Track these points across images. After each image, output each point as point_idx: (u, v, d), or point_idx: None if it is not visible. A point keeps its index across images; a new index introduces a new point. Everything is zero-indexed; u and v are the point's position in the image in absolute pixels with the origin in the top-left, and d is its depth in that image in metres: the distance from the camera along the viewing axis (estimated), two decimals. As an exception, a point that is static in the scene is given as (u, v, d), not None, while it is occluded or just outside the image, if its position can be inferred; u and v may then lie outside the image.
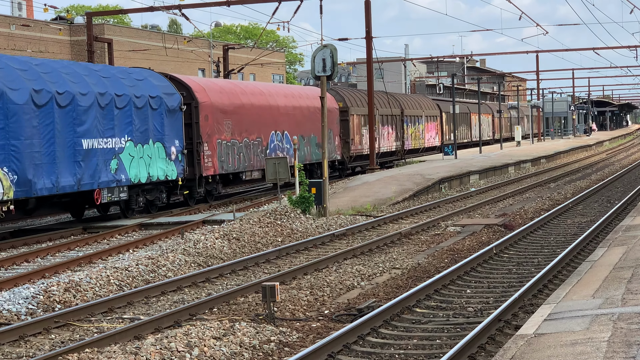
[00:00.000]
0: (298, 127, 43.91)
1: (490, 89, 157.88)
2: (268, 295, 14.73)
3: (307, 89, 49.55)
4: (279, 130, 42.06)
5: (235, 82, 43.52)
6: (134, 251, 23.99)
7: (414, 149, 63.95)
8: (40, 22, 68.73)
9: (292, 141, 42.78)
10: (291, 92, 45.64)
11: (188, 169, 34.24)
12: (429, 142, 68.33)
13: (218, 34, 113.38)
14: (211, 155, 35.53)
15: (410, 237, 25.05)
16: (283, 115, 42.52)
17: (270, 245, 23.88)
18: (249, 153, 38.89)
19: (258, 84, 44.76)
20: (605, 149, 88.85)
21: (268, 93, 42.36)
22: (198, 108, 34.90)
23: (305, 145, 44.67)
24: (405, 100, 63.55)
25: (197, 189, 34.95)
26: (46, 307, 16.21)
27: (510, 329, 13.54)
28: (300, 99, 45.32)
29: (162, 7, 46.31)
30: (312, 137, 45.63)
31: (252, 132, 39.26)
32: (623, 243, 18.75)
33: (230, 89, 38.67)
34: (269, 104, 41.47)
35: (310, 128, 45.35)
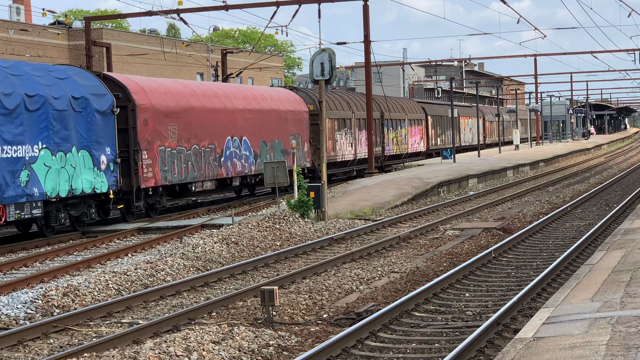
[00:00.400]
0: (260, 132, 40.62)
1: (488, 93, 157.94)
2: (267, 299, 14.73)
3: (273, 91, 46.18)
4: (237, 135, 38.58)
5: (185, 82, 39.69)
6: (132, 255, 23.98)
7: (395, 155, 60.54)
8: (38, 26, 68.75)
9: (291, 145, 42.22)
10: (253, 94, 41.93)
11: (123, 180, 30.62)
12: (413, 148, 64.76)
13: (216, 38, 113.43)
14: (152, 165, 31.94)
15: (409, 241, 25.05)
16: (242, 120, 39.20)
17: (269, 250, 23.88)
18: (199, 161, 35.33)
19: (213, 85, 41.25)
20: (603, 152, 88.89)
21: (224, 95, 38.90)
22: (135, 111, 31.36)
23: (268, 152, 41.22)
24: (385, 102, 59.86)
25: (134, 203, 31.33)
26: (45, 312, 16.20)
27: (509, 332, 13.54)
28: (263, 102, 41.93)
29: (160, 12, 46.33)
30: (277, 143, 42.26)
31: (203, 138, 35.77)
32: (622, 246, 18.75)
33: (177, 90, 35.19)
34: (225, 107, 38.02)
35: (274, 133, 42.11)
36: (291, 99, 45.14)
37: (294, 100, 45.21)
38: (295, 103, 45.09)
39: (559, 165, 64.32)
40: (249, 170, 39.42)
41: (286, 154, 41.77)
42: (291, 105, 44.49)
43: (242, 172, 38.83)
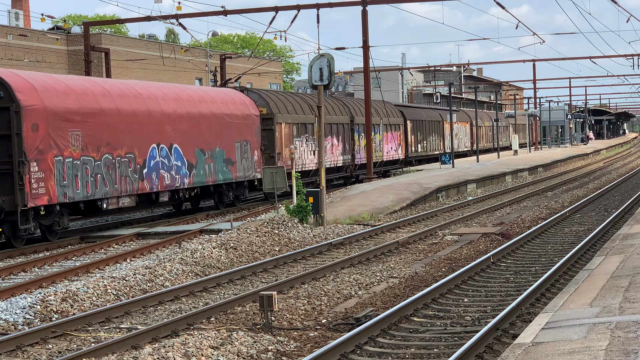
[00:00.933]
0: (196, 139, 35.16)
1: (487, 98, 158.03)
2: (265, 304, 14.72)
3: (216, 92, 39.92)
4: (165, 143, 32.95)
5: (98, 80, 33.18)
6: (131, 261, 23.98)
7: (363, 164, 53.90)
8: (37, 31, 68.79)
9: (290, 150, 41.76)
10: (188, 95, 36.03)
11: (5, 198, 25.72)
12: (389, 155, 58.65)
13: (215, 43, 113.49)
14: (45, 178, 26.74)
15: (408, 246, 25.05)
16: (173, 125, 33.53)
17: (267, 255, 23.87)
18: (112, 174, 29.78)
19: (136, 84, 34.24)
20: (602, 157, 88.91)
21: (149, 95, 33.03)
22: (20, 114, 26.15)
23: (207, 162, 35.80)
24: (357, 105, 54.72)
25: (20, 225, 26.03)
26: (43, 317, 16.19)
27: (507, 337, 13.54)
28: (202, 104, 36.35)
29: (159, 17, 46.36)
30: (218, 152, 36.73)
31: (118, 147, 30.22)
32: (620, 252, 18.75)
33: (83, 89, 29.64)
34: (149, 110, 32.30)
35: (215, 140, 36.55)
36: (238, 101, 39.89)
37: (241, 103, 40.04)
38: (243, 106, 39.91)
39: (557, 171, 64.33)
40: (181, 183, 33.90)
41: (230, 164, 37.40)
42: (238, 108, 39.25)
43: (172, 185, 33.27)
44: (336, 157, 49.43)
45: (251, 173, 39.45)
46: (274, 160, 41.31)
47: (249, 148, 39.42)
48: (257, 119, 40.54)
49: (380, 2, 48.08)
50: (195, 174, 34.83)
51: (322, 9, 45.65)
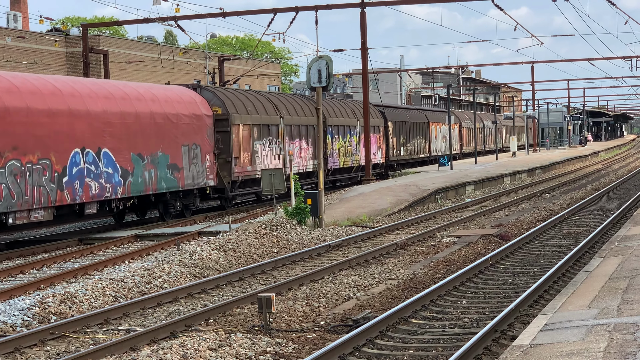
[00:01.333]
0: (133, 143, 31.17)
1: (485, 100, 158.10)
2: (264, 306, 14.73)
3: (160, 89, 35.34)
4: (91, 147, 29.08)
5: (4, 74, 27.97)
6: (129, 262, 23.97)
7: (343, 168, 50.98)
8: (35, 33, 68.79)
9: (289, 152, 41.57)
10: (123, 93, 31.78)
11: None
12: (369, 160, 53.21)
13: (213, 45, 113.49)
14: None
15: (406, 247, 25.05)
16: (102, 126, 29.60)
17: (266, 257, 23.87)
18: (20, 183, 25.92)
19: (55, 80, 29.96)
20: (600, 159, 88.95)
21: (70, 92, 29.07)
22: None
23: (146, 169, 31.78)
24: (330, 105, 50.34)
25: None
26: (42, 319, 16.19)
27: (506, 339, 13.54)
28: (140, 103, 32.17)
29: (157, 19, 46.36)
30: (161, 157, 32.69)
31: (29, 151, 26.40)
32: (619, 253, 18.77)
33: None
34: (70, 109, 28.42)
35: (157, 144, 32.53)
36: (187, 100, 35.81)
37: (190, 102, 36.01)
38: (193, 105, 35.92)
39: (556, 172, 64.36)
40: (113, 192, 29.95)
41: (176, 170, 33.54)
42: (186, 107, 35.18)
43: (102, 195, 29.29)
44: (305, 161, 45.00)
45: (202, 180, 35.56)
46: (230, 165, 37.45)
47: (199, 152, 35.47)
48: (210, 120, 36.79)
49: (379, 4, 48.10)
50: (131, 182, 30.95)
51: (320, 11, 45.66)
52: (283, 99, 45.54)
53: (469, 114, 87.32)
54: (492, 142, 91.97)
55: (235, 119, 38.20)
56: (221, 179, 37.14)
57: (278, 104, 43.59)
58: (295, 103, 45.83)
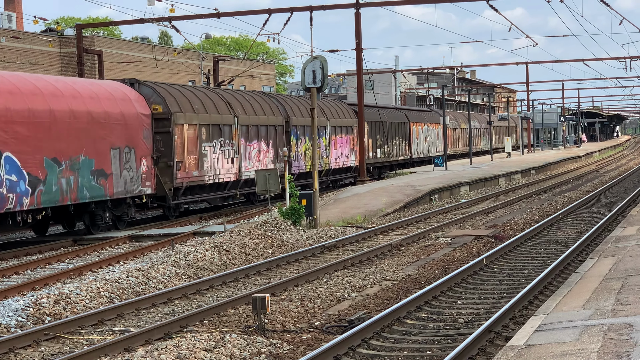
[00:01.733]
0: (47, 145, 27.32)
1: (480, 101, 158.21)
2: (259, 306, 14.72)
3: (82, 84, 31.11)
4: None
5: None
6: (124, 263, 23.95)
7: (310, 172, 42.97)
8: (30, 34, 68.73)
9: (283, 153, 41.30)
10: (34, 87, 27.71)
11: None
12: (339, 162, 50.13)
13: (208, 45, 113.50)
14: None
15: (401, 248, 25.05)
16: (3, 126, 25.72)
17: (260, 257, 23.86)
18: None
19: None
20: (595, 160, 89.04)
21: None
22: None
23: (63, 175, 27.89)
24: (294, 104, 46.20)
25: None
26: (36, 320, 16.17)
27: (500, 340, 13.55)
28: (56, 99, 28.24)
29: (152, 19, 46.34)
30: (83, 161, 28.84)
31: None
32: (613, 254, 18.78)
33: None
34: None
35: (78, 146, 28.68)
36: (118, 97, 31.55)
37: (123, 99, 31.75)
38: (126, 102, 31.66)
39: (550, 173, 64.42)
40: (17, 203, 25.99)
41: (102, 177, 29.64)
42: (117, 105, 30.97)
43: (2, 207, 25.46)
44: (265, 165, 40.84)
45: (137, 187, 31.47)
46: (172, 170, 33.41)
47: (134, 156, 31.40)
48: (148, 120, 32.64)
49: (373, 4, 48.11)
50: (43, 190, 26.95)
51: (315, 12, 45.67)
52: (239, 96, 41.33)
53: (455, 114, 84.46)
54: (481, 144, 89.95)
55: (178, 118, 34.31)
56: (162, 185, 33.21)
57: (232, 102, 39.64)
58: (253, 101, 41.83)
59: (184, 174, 34.28)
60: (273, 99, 44.37)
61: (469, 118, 73.58)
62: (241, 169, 38.84)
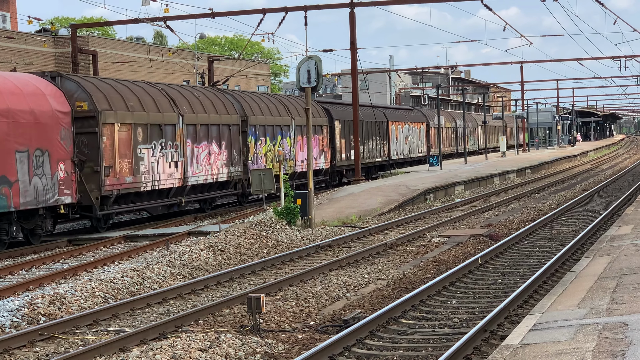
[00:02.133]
0: None
1: (475, 100, 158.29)
2: (254, 306, 14.71)
3: None
4: None
5: None
6: (119, 263, 23.93)
7: None
8: (24, 34, 68.65)
9: (278, 152, 41.34)
10: None
11: None
12: (305, 165, 43.37)
13: (203, 45, 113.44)
14: None
15: (396, 248, 25.05)
16: None
17: (255, 257, 23.86)
18: None
19: None
20: (589, 159, 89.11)
21: None
22: None
23: None
24: (253, 100, 42.00)
25: None
26: (31, 320, 16.15)
27: (495, 339, 13.55)
28: None
29: (146, 19, 46.30)
30: None
31: None
32: (608, 253, 18.80)
33: None
34: None
35: None
36: (29, 92, 27.53)
37: (35, 94, 27.76)
38: (39, 98, 27.73)
39: (545, 172, 64.46)
40: None
41: (6, 184, 25.72)
42: (25, 101, 27.08)
43: None
44: (216, 169, 36.84)
45: (52, 196, 27.54)
46: (99, 176, 29.52)
47: (47, 160, 27.42)
48: (67, 118, 28.72)
49: (368, 4, 48.10)
50: None
51: (309, 11, 45.66)
52: (187, 92, 36.79)
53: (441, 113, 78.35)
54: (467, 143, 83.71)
55: (107, 117, 30.14)
56: (87, 194, 29.23)
57: (178, 99, 35.24)
58: (204, 98, 37.29)
59: (115, 180, 30.36)
60: (228, 96, 40.14)
61: (464, 117, 73.53)
62: (187, 174, 34.31)
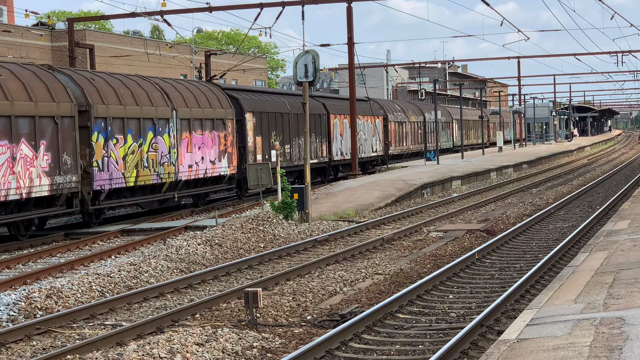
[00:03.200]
0: None
1: (472, 95, 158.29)
2: (250, 301, 14.71)
3: None
4: None
5: None
6: (116, 257, 23.91)
7: (138, 188, 32.38)
8: (21, 27, 68.54)
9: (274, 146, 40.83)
10: None
11: None
12: (196, 171, 35.64)
13: (200, 39, 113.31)
14: None
15: (393, 242, 25.05)
16: None
17: (252, 251, 23.85)
18: None
19: None
20: (586, 154, 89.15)
21: None
22: None
23: None
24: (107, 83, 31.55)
25: None
26: (28, 314, 16.14)
27: (492, 334, 13.56)
28: None
29: (143, 13, 46.24)
30: None
31: None
32: (604, 248, 18.80)
33: None
34: None
35: None
36: None
37: None
38: None
39: (542, 167, 64.48)
40: None
41: None
42: None
43: None
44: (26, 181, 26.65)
45: None
46: None
47: None
48: None
49: (365, -2, 48.08)
50: None
51: (307, 6, 45.62)
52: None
53: (404, 105, 70.35)
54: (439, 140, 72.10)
55: None
56: None
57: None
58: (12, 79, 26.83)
59: None
60: (60, 76, 29.46)
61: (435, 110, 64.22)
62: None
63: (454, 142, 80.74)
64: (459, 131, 78.62)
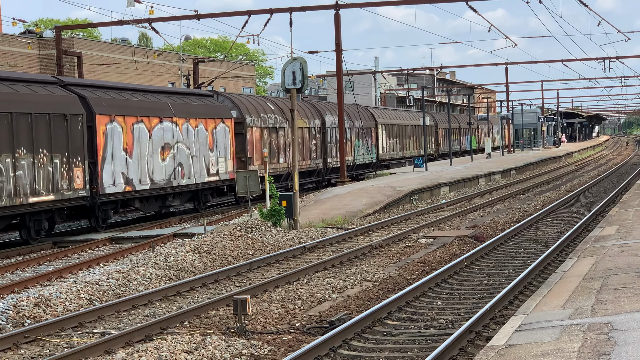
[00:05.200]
0: None
1: (460, 101, 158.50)
2: (239, 308, 14.71)
3: None
4: None
5: None
6: (104, 265, 23.88)
7: None
8: (8, 35, 68.39)
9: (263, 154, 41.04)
10: None
11: None
12: None
13: (188, 47, 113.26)
14: None
15: (382, 249, 25.07)
16: None
17: (241, 259, 23.84)
18: None
19: None
20: (574, 160, 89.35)
21: None
22: None
23: None
24: None
25: None
26: (16, 322, 16.10)
27: (481, 340, 13.58)
28: None
29: (131, 21, 46.21)
30: None
31: None
32: (592, 254, 18.84)
33: None
34: None
35: None
36: None
37: None
38: None
39: (530, 173, 64.60)
40: None
41: None
42: None
43: None
44: None
45: None
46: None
47: None
48: None
49: (353, 6, 48.11)
50: None
51: (295, 13, 45.64)
52: None
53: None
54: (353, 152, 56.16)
55: None
56: None
57: None
58: None
59: None
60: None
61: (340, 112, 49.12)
62: None
63: (378, 155, 62.55)
64: (389, 139, 65.38)
